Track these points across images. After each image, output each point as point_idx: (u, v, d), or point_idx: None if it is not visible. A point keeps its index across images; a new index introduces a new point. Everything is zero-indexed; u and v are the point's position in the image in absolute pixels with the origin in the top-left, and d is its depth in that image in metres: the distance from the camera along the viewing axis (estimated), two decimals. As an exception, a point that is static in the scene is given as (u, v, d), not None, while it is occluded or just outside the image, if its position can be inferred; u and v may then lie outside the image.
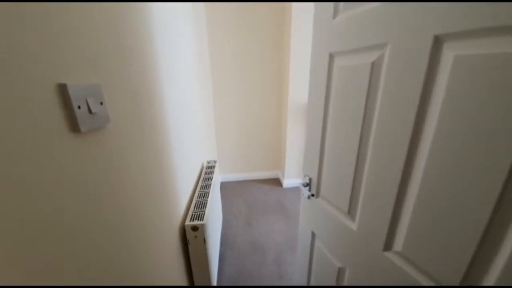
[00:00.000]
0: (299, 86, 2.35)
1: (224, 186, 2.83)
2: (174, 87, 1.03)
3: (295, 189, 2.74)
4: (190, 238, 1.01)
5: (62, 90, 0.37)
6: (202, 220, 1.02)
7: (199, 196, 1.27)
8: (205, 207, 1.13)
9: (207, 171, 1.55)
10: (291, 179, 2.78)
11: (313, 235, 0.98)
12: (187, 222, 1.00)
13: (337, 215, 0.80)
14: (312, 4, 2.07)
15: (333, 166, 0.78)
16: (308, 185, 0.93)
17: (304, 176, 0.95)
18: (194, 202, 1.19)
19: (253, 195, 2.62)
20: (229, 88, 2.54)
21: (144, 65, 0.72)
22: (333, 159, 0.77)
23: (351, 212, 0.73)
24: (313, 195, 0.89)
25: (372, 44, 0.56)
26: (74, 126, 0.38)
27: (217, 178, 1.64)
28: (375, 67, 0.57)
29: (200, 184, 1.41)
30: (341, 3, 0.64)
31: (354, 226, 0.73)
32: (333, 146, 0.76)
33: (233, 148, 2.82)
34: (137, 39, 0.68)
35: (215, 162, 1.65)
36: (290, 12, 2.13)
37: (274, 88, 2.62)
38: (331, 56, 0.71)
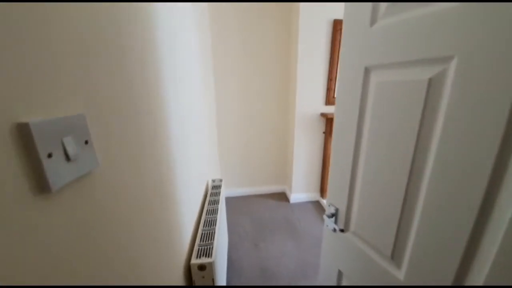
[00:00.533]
0: (307, 96, 2.25)
1: (228, 201, 2.68)
2: (181, 104, 0.92)
3: (303, 205, 2.59)
4: (197, 278, 0.87)
5: (22, 132, 0.25)
6: (211, 256, 0.88)
7: (206, 223, 1.13)
8: (213, 238, 1.00)
9: (213, 192, 1.42)
10: (298, 194, 2.64)
11: (340, 274, 0.84)
12: (193, 261, 0.86)
13: (374, 257, 0.66)
14: (321, 4, 1.99)
15: (369, 198, 0.65)
16: (334, 216, 0.80)
17: (329, 206, 0.82)
18: (200, 231, 1.05)
19: (259, 212, 2.47)
20: (233, 98, 2.45)
21: (146, 81, 0.60)
22: (369, 190, 0.65)
23: (395, 257, 0.60)
24: (342, 230, 0.75)
25: (429, 57, 0.45)
26: (40, 184, 0.26)
27: (223, 199, 1.50)
28: (433, 84, 0.45)
29: (205, 208, 1.28)
30: (384, 3, 0.53)
31: (400, 275, 0.59)
32: (370, 174, 0.64)
33: (237, 161, 2.69)
34: (138, 47, 0.56)
35: (220, 181, 1.52)
36: (298, 15, 2.04)
37: (280, 98, 2.53)
38: (367, 70, 0.60)
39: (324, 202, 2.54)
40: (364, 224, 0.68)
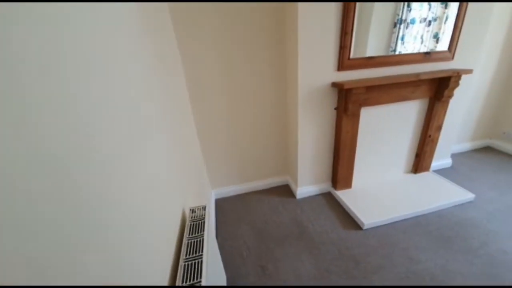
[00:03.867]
0: (312, 61, 1.63)
1: (220, 205, 2.17)
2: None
3: (313, 200, 2.12)
4: None
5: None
6: None
7: (185, 278, 0.61)
8: None
9: (191, 236, 0.86)
10: (306, 187, 2.15)
11: None
12: None
13: None
14: None
15: None
16: None
17: None
18: None
19: (261, 215, 1.98)
20: (213, 77, 1.78)
21: None
22: None
23: None
24: None
25: None
26: None
27: (211, 233, 0.96)
28: None
29: (181, 264, 0.74)
30: None
31: None
32: None
33: (228, 154, 2.12)
34: None
35: (204, 209, 0.96)
36: None
37: (276, 72, 1.88)
38: None
39: (338, 194, 2.08)
40: None
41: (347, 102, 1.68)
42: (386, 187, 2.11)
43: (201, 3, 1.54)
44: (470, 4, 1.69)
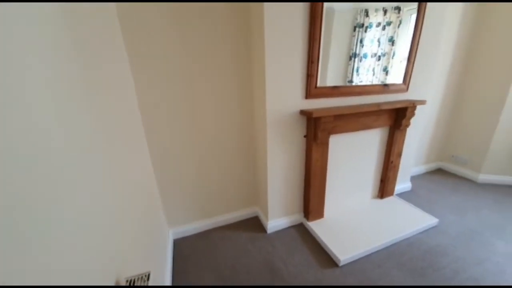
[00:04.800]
0: (279, 89, 1.56)
1: (179, 248, 1.84)
2: None
3: (285, 234, 1.95)
4: None
5: None
6: None
7: None
8: None
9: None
10: (277, 220, 1.98)
11: None
12: None
13: None
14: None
15: None
16: None
17: None
18: None
19: (228, 257, 1.72)
20: (170, 109, 1.59)
21: None
22: None
23: None
24: None
25: None
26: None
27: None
28: None
29: None
30: None
31: None
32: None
33: (188, 185, 1.86)
34: None
35: (148, 277, 0.70)
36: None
37: (242, 94, 1.78)
38: None
39: (310, 225, 1.95)
40: None
41: (317, 130, 1.63)
42: (356, 215, 2.06)
43: (149, 3, 1.37)
44: (422, 41, 1.86)
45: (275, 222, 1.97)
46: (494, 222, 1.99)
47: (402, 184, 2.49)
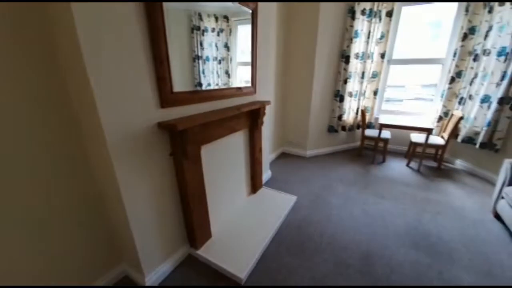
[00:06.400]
0: (123, 102, 1.11)
1: None
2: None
3: (174, 280, 1.52)
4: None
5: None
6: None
7: None
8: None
9: None
10: (159, 268, 1.50)
11: None
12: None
13: None
14: None
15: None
16: None
17: None
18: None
19: None
20: None
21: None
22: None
23: None
24: None
25: None
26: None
27: None
28: None
29: None
30: None
31: None
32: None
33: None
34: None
35: None
36: None
37: (58, 119, 1.09)
38: None
39: (201, 253, 1.67)
40: None
41: (185, 145, 1.35)
42: (239, 218, 2.05)
43: None
44: (259, 47, 2.08)
45: (155, 273, 1.48)
46: (324, 183, 2.75)
47: (265, 173, 2.83)
